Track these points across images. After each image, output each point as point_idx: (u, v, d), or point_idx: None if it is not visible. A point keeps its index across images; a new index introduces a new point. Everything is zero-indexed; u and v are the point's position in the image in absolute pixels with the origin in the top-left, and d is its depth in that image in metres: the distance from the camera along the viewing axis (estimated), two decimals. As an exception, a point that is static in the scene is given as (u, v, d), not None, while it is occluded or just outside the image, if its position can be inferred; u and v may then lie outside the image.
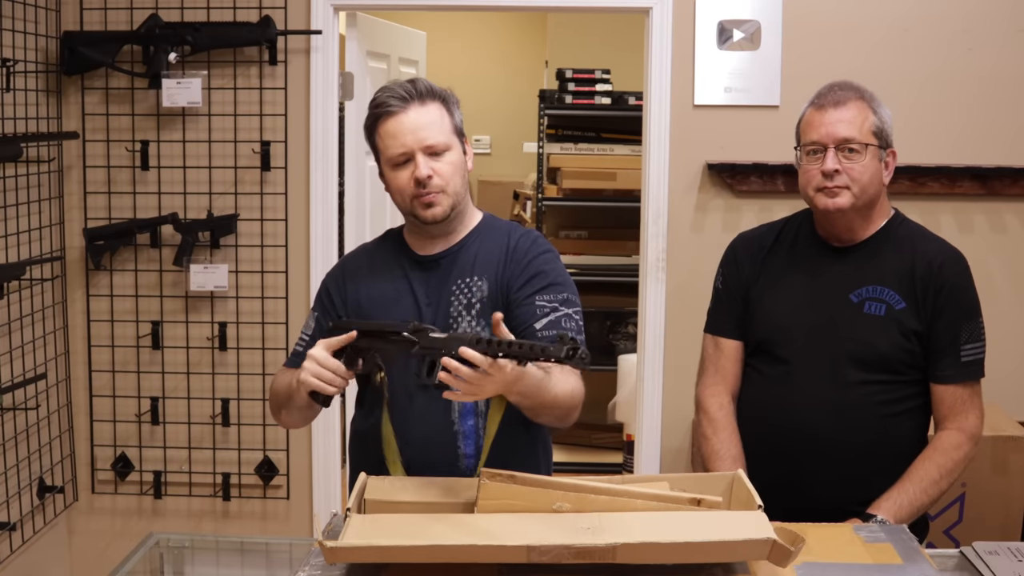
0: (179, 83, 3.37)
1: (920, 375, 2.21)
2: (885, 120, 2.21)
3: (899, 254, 2.22)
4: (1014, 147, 3.46)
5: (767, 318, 2.28)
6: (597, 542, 1.57)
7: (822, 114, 2.19)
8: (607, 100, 4.92)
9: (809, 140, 2.20)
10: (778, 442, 2.09)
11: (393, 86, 2.10)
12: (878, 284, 2.20)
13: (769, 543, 1.59)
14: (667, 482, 1.91)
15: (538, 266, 2.07)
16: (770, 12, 3.45)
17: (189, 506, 3.65)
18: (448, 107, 2.10)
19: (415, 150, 2.04)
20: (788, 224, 2.36)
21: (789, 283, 2.28)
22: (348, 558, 1.68)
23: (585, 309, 2.18)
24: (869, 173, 2.17)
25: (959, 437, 2.19)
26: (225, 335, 3.56)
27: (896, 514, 2.09)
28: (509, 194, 6.75)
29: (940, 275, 2.19)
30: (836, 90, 2.21)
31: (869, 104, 2.20)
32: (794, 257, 2.30)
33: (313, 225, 3.53)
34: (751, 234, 2.41)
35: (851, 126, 2.16)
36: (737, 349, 2.35)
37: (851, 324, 2.19)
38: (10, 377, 3.20)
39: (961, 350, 2.19)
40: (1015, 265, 3.52)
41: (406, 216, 2.14)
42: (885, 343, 2.17)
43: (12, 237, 3.21)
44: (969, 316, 2.21)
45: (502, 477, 1.75)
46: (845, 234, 2.24)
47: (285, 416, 2.16)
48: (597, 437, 5.12)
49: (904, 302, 2.18)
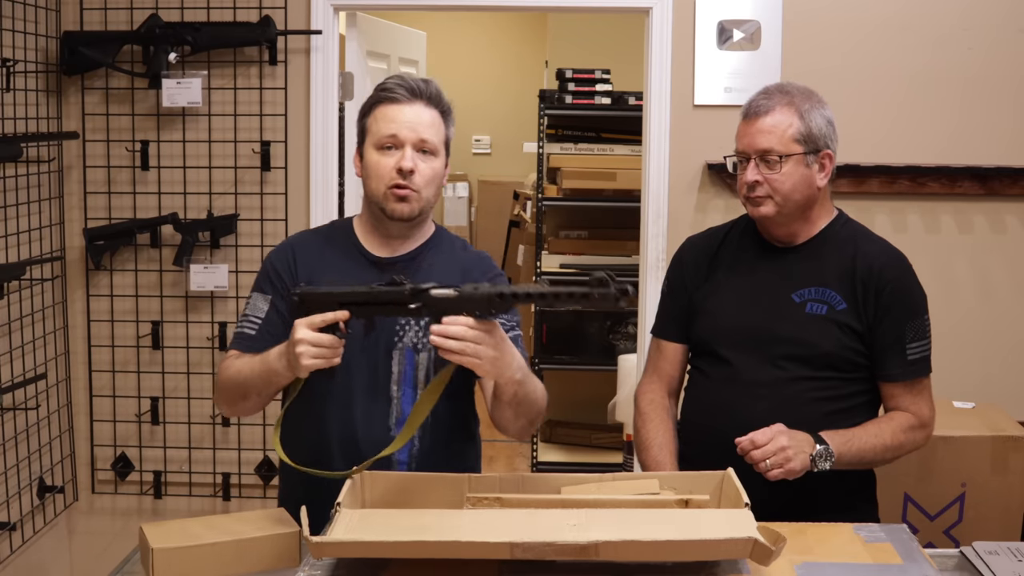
0: (179, 83, 3.38)
1: (866, 373, 2.23)
2: (815, 124, 2.19)
3: (840, 255, 2.24)
4: (1014, 147, 3.47)
5: (710, 319, 2.31)
6: (579, 539, 1.59)
7: (747, 124, 2.23)
8: (607, 100, 4.92)
9: (736, 150, 2.26)
10: (724, 441, 2.10)
11: (406, 77, 2.10)
12: (820, 285, 2.22)
13: (751, 542, 1.61)
14: (657, 480, 1.93)
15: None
16: (770, 12, 3.45)
17: (189, 506, 3.65)
18: (446, 120, 2.11)
19: (407, 142, 2.04)
20: (735, 226, 2.39)
21: (733, 284, 2.30)
22: (334, 553, 1.70)
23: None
24: (791, 181, 2.18)
25: (914, 420, 2.22)
26: (225, 335, 3.56)
27: (841, 449, 2.11)
28: (509, 194, 6.76)
29: (881, 276, 2.20)
30: (762, 98, 2.22)
31: (798, 109, 2.19)
32: (738, 259, 2.33)
33: (313, 225, 3.52)
34: (698, 238, 2.45)
35: (771, 136, 2.18)
36: (677, 351, 2.39)
37: (793, 324, 2.21)
38: (10, 377, 3.20)
39: (907, 348, 2.21)
40: (1015, 265, 3.52)
41: (371, 206, 2.11)
42: (827, 343, 2.19)
43: (12, 237, 3.21)
44: (914, 315, 2.22)
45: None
46: (784, 236, 2.27)
47: (244, 405, 2.09)
48: (597, 437, 5.12)
49: (845, 302, 2.20)
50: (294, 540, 1.80)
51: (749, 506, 1.73)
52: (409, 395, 2.07)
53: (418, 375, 2.07)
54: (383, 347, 2.07)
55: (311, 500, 1.78)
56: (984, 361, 3.52)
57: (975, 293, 3.52)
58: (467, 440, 2.20)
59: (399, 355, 2.07)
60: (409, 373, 2.07)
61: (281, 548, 1.79)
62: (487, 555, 1.63)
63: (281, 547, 1.79)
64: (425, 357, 2.07)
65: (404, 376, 2.07)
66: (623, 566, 1.65)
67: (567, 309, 4.87)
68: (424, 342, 2.07)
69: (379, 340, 2.06)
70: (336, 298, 1.91)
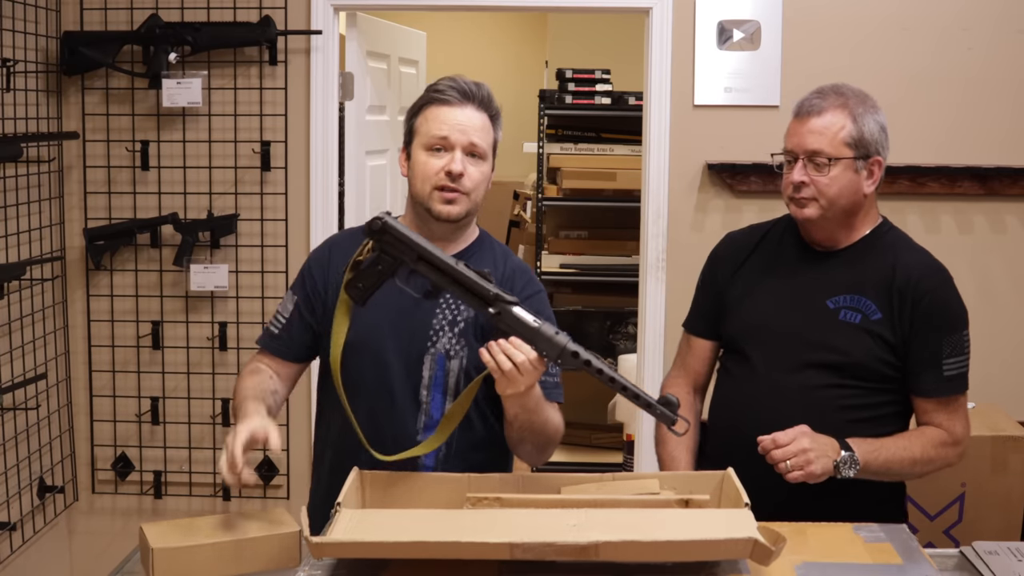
0: (179, 83, 3.37)
1: (896, 384, 2.19)
2: (867, 128, 2.15)
3: (880, 264, 2.19)
4: (1014, 147, 3.47)
5: (742, 318, 2.27)
6: (579, 540, 1.59)
7: (798, 123, 2.18)
8: (607, 100, 4.92)
9: (784, 148, 2.21)
10: (747, 442, 2.08)
11: (458, 79, 2.08)
12: (856, 293, 2.18)
13: (751, 542, 1.61)
14: (657, 480, 1.93)
15: (532, 307, 2.00)
16: (770, 12, 3.45)
17: (189, 506, 3.65)
18: (495, 123, 2.10)
19: (457, 145, 2.03)
20: (775, 226, 2.35)
21: (768, 285, 2.27)
22: (334, 553, 1.70)
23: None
24: (838, 186, 2.14)
25: (946, 437, 2.17)
26: (225, 335, 3.56)
27: (868, 458, 2.07)
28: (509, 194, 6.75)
29: (918, 288, 2.15)
30: (816, 98, 2.18)
31: (851, 112, 2.15)
32: (776, 259, 2.29)
33: (313, 225, 3.53)
34: (737, 234, 2.41)
35: (822, 138, 2.13)
36: (707, 348, 2.36)
37: (825, 330, 2.17)
38: (10, 377, 3.20)
39: (943, 364, 2.15)
40: (1015, 265, 3.52)
41: (416, 206, 2.09)
42: (858, 352, 2.15)
43: (12, 237, 3.21)
44: (951, 330, 2.17)
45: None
46: (825, 240, 2.23)
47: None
48: (597, 437, 5.11)
49: (880, 312, 2.16)
50: (294, 540, 1.80)
51: (749, 506, 1.73)
52: (438, 400, 2.07)
53: (448, 381, 2.06)
54: (415, 351, 2.06)
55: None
56: (984, 361, 3.49)
57: (975, 293, 3.52)
58: (495, 447, 2.14)
59: (431, 360, 2.06)
60: (440, 379, 2.06)
61: (281, 548, 1.79)
62: (487, 555, 1.63)
63: (281, 547, 1.79)
64: (456, 364, 2.06)
65: (435, 381, 2.06)
66: (623, 566, 1.65)
67: (567, 309, 4.88)
68: (456, 350, 2.06)
69: (411, 343, 2.06)
70: (416, 250, 1.89)
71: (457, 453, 2.06)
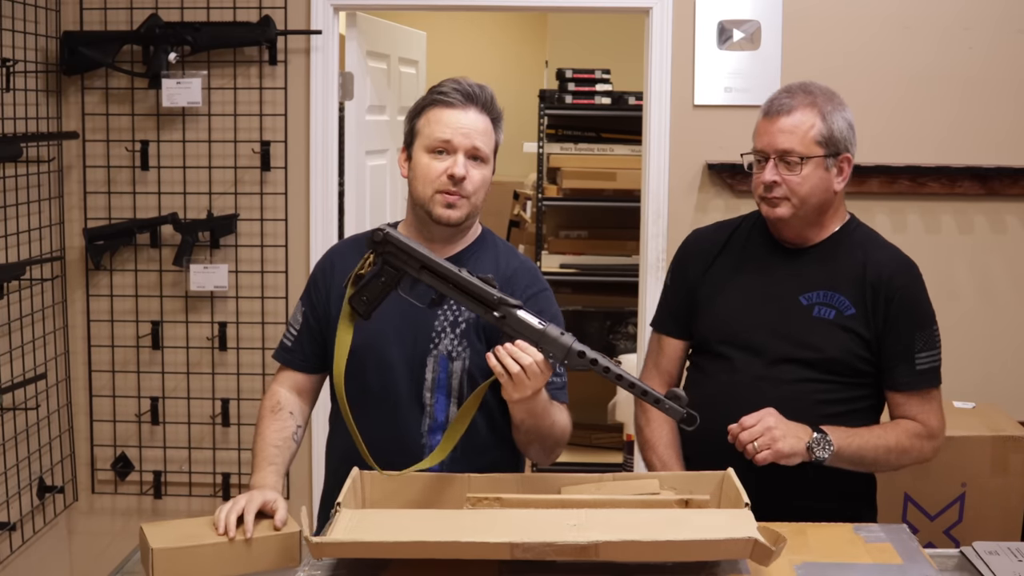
0: (179, 83, 3.37)
1: (870, 379, 2.20)
2: (837, 126, 2.16)
3: (851, 260, 2.21)
4: (1014, 147, 3.47)
5: (714, 316, 2.28)
6: (579, 540, 1.60)
7: (768, 122, 2.18)
8: (607, 100, 4.92)
9: (754, 148, 2.21)
10: (723, 441, 2.08)
11: (462, 82, 2.06)
12: (829, 289, 2.19)
13: (751, 542, 1.61)
14: (657, 480, 1.93)
15: (535, 305, 2.03)
16: (770, 12, 3.45)
17: (189, 506, 3.65)
18: (497, 126, 2.09)
19: (460, 148, 2.02)
20: (743, 222, 2.35)
21: (739, 283, 2.27)
22: (334, 553, 1.70)
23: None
24: (810, 184, 2.15)
25: (921, 429, 2.19)
26: (225, 335, 3.56)
27: (842, 443, 2.08)
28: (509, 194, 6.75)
29: (891, 284, 2.17)
30: (784, 96, 2.18)
31: (820, 110, 2.15)
32: (746, 256, 2.29)
33: (313, 225, 3.53)
34: (705, 230, 2.41)
35: (792, 137, 2.14)
36: (678, 348, 2.36)
37: (799, 327, 2.19)
38: (10, 377, 3.20)
39: (916, 358, 2.17)
40: (1015, 265, 3.52)
41: (416, 208, 2.09)
42: (833, 347, 2.16)
43: (12, 237, 3.21)
44: (923, 324, 2.19)
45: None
46: (795, 238, 2.24)
47: None
48: (597, 437, 5.11)
49: (854, 308, 2.17)
50: (294, 540, 1.80)
51: (749, 506, 1.74)
52: (442, 403, 2.06)
53: (451, 383, 2.06)
54: (418, 353, 2.06)
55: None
56: (984, 361, 3.52)
57: (975, 293, 3.52)
58: (504, 448, 2.13)
59: (433, 362, 2.06)
60: (443, 380, 2.06)
61: (281, 548, 1.79)
62: (487, 555, 1.63)
63: (281, 547, 1.79)
64: (459, 366, 2.06)
65: (438, 383, 2.06)
66: (623, 566, 1.66)
67: (567, 309, 4.87)
68: (459, 351, 2.05)
69: (415, 346, 2.06)
70: (419, 259, 1.91)
71: (465, 456, 2.05)
